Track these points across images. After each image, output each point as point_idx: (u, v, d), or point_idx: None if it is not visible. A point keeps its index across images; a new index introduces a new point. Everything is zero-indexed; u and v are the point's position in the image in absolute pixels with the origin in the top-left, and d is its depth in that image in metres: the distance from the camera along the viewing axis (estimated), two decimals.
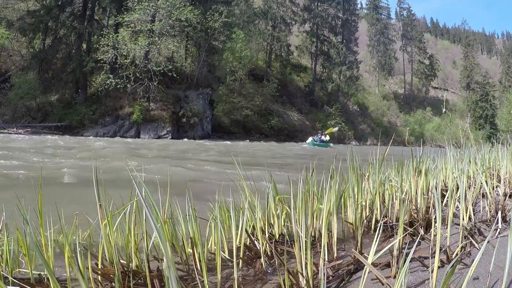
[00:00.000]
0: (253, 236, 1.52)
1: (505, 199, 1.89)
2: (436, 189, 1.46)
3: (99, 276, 1.18)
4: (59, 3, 25.45)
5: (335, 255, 1.41)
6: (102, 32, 24.79)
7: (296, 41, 44.55)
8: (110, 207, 1.28)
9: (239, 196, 1.74)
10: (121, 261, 1.26)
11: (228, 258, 1.46)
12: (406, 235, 1.53)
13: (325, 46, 44.61)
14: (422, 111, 58.92)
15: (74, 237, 1.55)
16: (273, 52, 41.07)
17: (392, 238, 1.60)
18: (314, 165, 1.78)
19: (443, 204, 2.02)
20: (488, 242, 1.28)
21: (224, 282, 1.25)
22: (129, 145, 13.22)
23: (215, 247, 1.22)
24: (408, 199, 1.78)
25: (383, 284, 1.10)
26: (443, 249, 1.30)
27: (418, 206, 1.77)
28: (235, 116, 32.07)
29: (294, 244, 1.16)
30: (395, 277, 1.15)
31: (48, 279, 1.13)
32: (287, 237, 1.59)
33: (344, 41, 45.74)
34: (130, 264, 1.30)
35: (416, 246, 1.40)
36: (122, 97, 24.93)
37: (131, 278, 1.17)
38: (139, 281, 1.21)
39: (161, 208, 1.35)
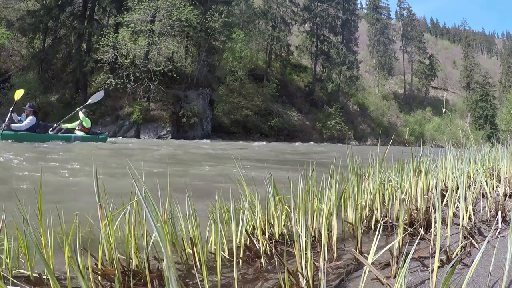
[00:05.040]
0: (253, 236, 1.52)
1: (505, 199, 1.89)
2: (436, 189, 1.46)
3: (99, 276, 1.18)
4: (59, 3, 25.44)
5: (335, 255, 1.41)
6: (102, 32, 24.78)
7: (296, 41, 44.52)
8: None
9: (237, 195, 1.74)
10: (121, 261, 1.26)
11: (228, 257, 1.46)
12: (406, 235, 1.53)
13: (325, 46, 44.60)
14: (422, 111, 58.92)
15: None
16: (273, 52, 41.04)
17: (392, 238, 1.60)
18: (314, 166, 1.78)
19: (443, 204, 2.02)
20: (488, 242, 1.28)
21: (224, 281, 1.25)
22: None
23: (215, 247, 1.22)
24: (408, 199, 1.78)
25: (383, 284, 1.10)
26: (443, 249, 1.30)
27: (418, 206, 1.77)
28: (235, 116, 32.04)
29: (294, 244, 1.16)
30: (395, 277, 1.15)
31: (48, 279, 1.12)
32: (287, 237, 1.58)
33: (344, 41, 45.74)
34: (130, 264, 1.30)
35: (416, 246, 1.40)
36: (122, 97, 24.92)
37: (131, 278, 1.17)
38: (139, 281, 1.21)
39: (161, 207, 1.35)
